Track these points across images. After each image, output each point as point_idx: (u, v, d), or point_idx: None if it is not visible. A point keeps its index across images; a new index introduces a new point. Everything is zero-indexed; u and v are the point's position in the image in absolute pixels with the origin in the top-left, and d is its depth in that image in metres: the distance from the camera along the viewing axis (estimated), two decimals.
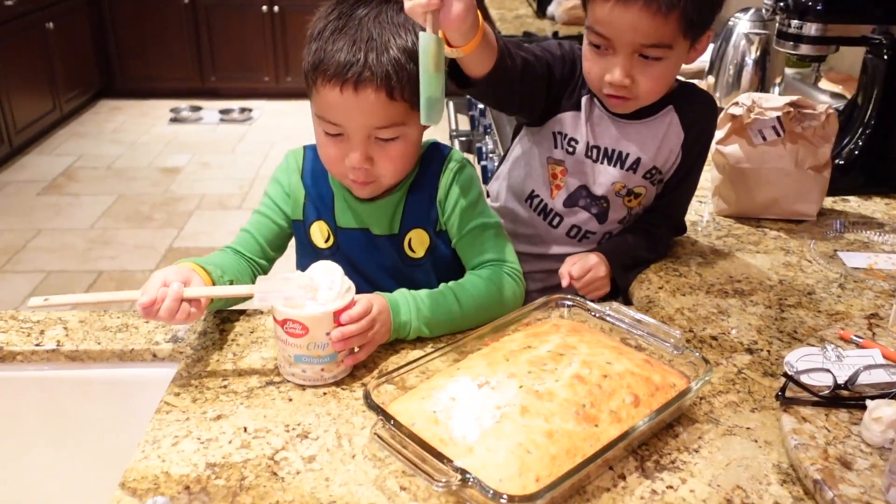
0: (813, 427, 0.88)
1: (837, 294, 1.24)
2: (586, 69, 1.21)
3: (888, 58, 1.56)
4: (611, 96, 1.20)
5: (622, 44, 1.14)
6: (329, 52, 1.03)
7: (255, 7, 5.67)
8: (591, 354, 0.94)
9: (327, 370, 1.00)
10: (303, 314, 0.96)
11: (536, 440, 0.81)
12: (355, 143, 1.07)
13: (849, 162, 1.61)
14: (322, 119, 1.08)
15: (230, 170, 4.66)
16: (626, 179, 1.28)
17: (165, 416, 0.94)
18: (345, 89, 1.03)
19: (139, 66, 5.88)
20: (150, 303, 0.97)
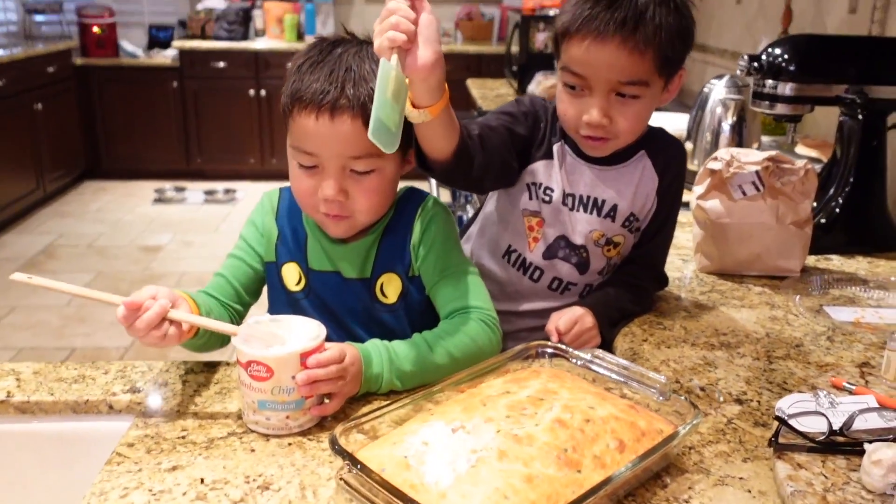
0: (809, 474, 0.83)
1: (826, 346, 1.20)
2: (562, 111, 1.20)
3: (863, 117, 1.57)
4: (588, 138, 1.19)
5: (599, 82, 1.13)
6: (306, 82, 1.03)
7: (243, 91, 5.77)
8: (572, 399, 0.89)
9: (293, 418, 0.94)
10: (268, 355, 0.91)
11: (515, 485, 0.75)
12: (330, 173, 1.05)
13: (830, 221, 1.60)
14: (297, 150, 1.06)
15: (213, 248, 4.63)
16: (604, 228, 1.26)
17: (116, 468, 0.87)
18: (321, 116, 1.01)
19: (126, 148, 5.92)
20: (134, 305, 0.92)
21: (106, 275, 4.23)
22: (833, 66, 1.55)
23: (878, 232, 1.62)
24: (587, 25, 1.10)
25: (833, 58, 1.57)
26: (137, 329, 0.92)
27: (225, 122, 5.85)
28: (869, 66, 1.55)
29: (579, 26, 1.11)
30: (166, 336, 0.94)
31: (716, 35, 2.89)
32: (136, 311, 0.92)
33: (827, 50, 1.60)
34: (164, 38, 6.02)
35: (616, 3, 1.09)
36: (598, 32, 1.10)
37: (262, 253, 1.17)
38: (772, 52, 1.56)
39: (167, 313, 0.94)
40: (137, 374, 1.08)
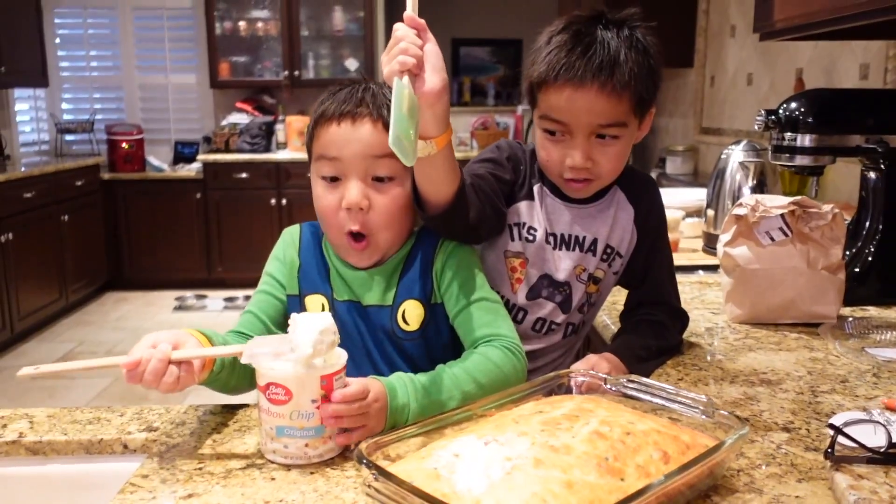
0: (872, 483, 0.77)
1: (873, 381, 1.14)
2: (544, 158, 1.21)
3: (885, 167, 1.57)
4: (571, 181, 1.19)
5: (580, 127, 1.14)
6: (326, 106, 1.09)
7: (265, 200, 5.89)
8: (610, 416, 0.84)
9: (311, 446, 0.89)
10: (287, 376, 0.88)
11: (554, 490, 0.70)
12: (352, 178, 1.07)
13: (864, 270, 1.56)
14: (320, 162, 1.09)
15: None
16: (585, 262, 1.25)
17: (129, 497, 0.83)
18: (342, 122, 1.07)
19: (148, 259, 6.00)
20: (133, 364, 0.89)
21: (123, 381, 4.18)
22: (850, 117, 1.56)
23: None
24: (565, 74, 1.12)
25: (850, 109, 1.58)
26: (148, 382, 0.90)
27: (246, 231, 5.94)
28: (887, 116, 1.55)
29: (557, 75, 1.13)
30: (179, 379, 0.91)
31: (729, 117, 2.94)
32: (137, 367, 0.90)
33: (843, 101, 1.61)
34: (189, 153, 6.22)
35: (590, 50, 1.12)
36: (576, 80, 1.11)
37: (286, 285, 1.16)
38: (788, 106, 1.57)
39: (169, 357, 0.91)
40: (154, 415, 1.04)
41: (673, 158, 3.15)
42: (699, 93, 3.20)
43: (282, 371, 0.88)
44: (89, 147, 6.11)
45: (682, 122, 3.49)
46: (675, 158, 3.13)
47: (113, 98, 6.33)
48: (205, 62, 6.12)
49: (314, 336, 0.87)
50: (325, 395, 0.89)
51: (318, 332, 0.88)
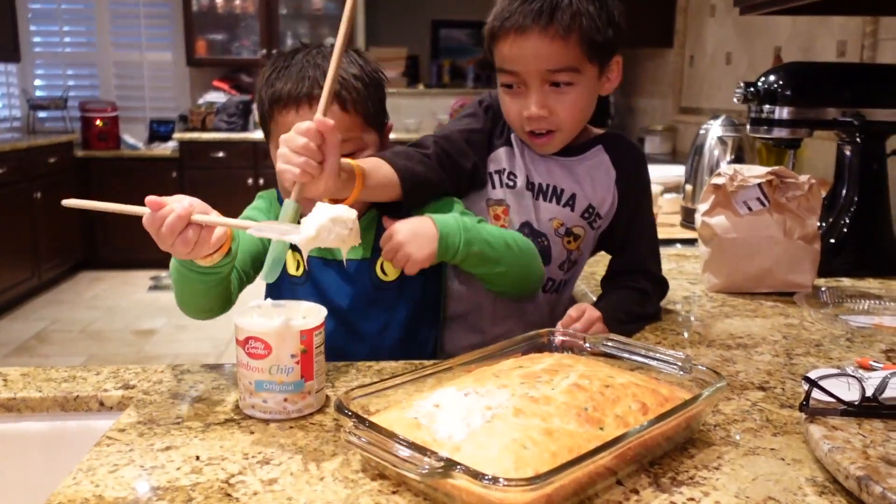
0: (846, 434, 0.78)
1: (847, 346, 1.16)
2: (505, 112, 1.22)
3: (861, 141, 1.58)
4: (533, 136, 1.20)
5: (530, 75, 1.15)
6: (279, 87, 1.09)
7: (241, 179, 5.84)
8: (589, 370, 0.85)
9: (291, 401, 0.88)
10: (266, 330, 0.87)
11: (534, 437, 0.70)
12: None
13: (839, 242, 1.58)
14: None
15: (207, 331, 4.55)
16: (564, 217, 1.25)
17: (105, 449, 0.82)
18: (300, 109, 1.07)
19: (123, 239, 5.91)
20: (159, 205, 0.88)
21: (98, 358, 4.14)
22: (828, 90, 1.57)
23: (885, 255, 1.60)
24: (509, 22, 1.14)
25: (827, 82, 1.59)
26: (163, 236, 0.87)
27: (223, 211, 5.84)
28: (863, 89, 1.57)
29: (502, 24, 1.15)
30: (195, 242, 0.88)
31: (708, 97, 2.96)
32: (161, 208, 0.88)
33: (821, 75, 1.63)
34: (164, 132, 6.14)
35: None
36: (518, 25, 1.13)
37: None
38: (766, 78, 1.58)
39: (191, 215, 0.88)
40: (131, 374, 1.03)
41: (651, 138, 3.17)
42: (678, 72, 3.22)
43: (261, 325, 0.88)
44: (62, 124, 6.01)
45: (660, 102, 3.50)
46: (654, 138, 3.15)
47: (86, 75, 6.23)
48: (181, 40, 6.04)
49: (323, 221, 0.85)
50: (305, 351, 0.89)
51: (328, 219, 0.85)
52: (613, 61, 1.21)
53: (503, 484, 0.62)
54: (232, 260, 0.99)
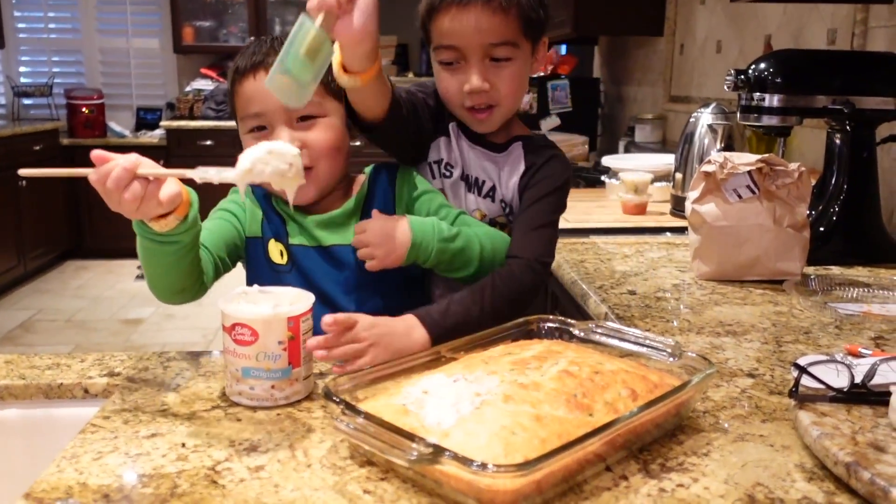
0: (835, 420, 0.78)
1: (835, 333, 1.16)
2: (444, 90, 1.20)
3: (851, 129, 1.58)
4: (473, 111, 1.19)
5: (472, 49, 1.14)
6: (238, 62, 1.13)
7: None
8: (579, 357, 0.84)
9: (278, 388, 0.88)
10: (253, 316, 0.86)
11: (523, 423, 0.70)
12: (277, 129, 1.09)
13: (828, 230, 1.58)
14: (244, 120, 1.11)
15: (195, 320, 4.53)
16: (486, 208, 1.25)
17: (89, 436, 0.81)
18: (257, 73, 1.09)
19: (109, 227, 5.85)
20: (105, 158, 0.86)
21: (84, 348, 4.11)
22: (818, 78, 1.57)
23: (875, 243, 1.60)
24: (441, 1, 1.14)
25: (818, 70, 1.59)
26: (110, 192, 0.85)
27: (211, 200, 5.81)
28: (853, 77, 1.56)
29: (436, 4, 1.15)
30: (145, 197, 0.86)
31: (698, 85, 2.96)
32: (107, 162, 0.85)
33: (811, 62, 1.62)
34: (151, 119, 6.10)
35: None
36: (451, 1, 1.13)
37: (245, 227, 1.17)
38: (757, 66, 1.58)
39: (137, 168, 0.85)
40: (116, 361, 1.02)
41: (642, 127, 3.16)
42: (668, 61, 3.21)
43: (248, 312, 0.87)
44: (48, 112, 5.96)
45: (650, 90, 3.50)
46: (644, 126, 3.15)
47: (72, 62, 6.17)
48: (168, 26, 5.99)
49: (259, 154, 0.85)
50: (293, 337, 0.88)
51: (265, 151, 0.85)
52: (541, 43, 1.22)
53: (492, 470, 0.62)
54: (191, 229, 0.96)
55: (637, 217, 2.12)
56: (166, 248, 0.97)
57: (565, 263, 1.58)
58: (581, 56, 4.62)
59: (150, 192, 0.86)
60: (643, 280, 1.46)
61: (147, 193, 0.86)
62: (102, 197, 0.87)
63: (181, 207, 0.93)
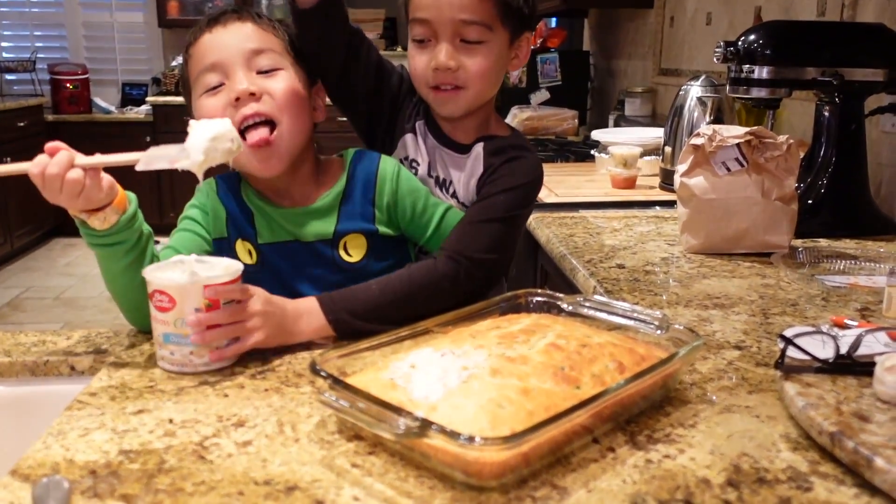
0: (820, 391, 0.78)
1: (822, 305, 1.17)
2: (413, 68, 1.16)
3: (840, 101, 1.58)
4: (439, 91, 1.14)
5: (443, 24, 1.10)
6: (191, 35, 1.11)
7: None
8: (566, 330, 0.84)
9: (197, 354, 0.89)
10: (170, 284, 0.87)
11: (510, 396, 0.70)
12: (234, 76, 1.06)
13: (816, 202, 1.59)
14: (199, 78, 1.08)
15: None
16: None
17: (76, 413, 0.80)
18: (213, 29, 1.08)
19: None
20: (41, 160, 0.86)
21: (73, 325, 4.10)
22: (807, 49, 1.56)
23: (862, 215, 1.61)
24: None
25: (807, 41, 1.58)
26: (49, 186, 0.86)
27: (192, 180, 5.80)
28: (842, 49, 1.56)
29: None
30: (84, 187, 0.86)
31: (688, 58, 2.94)
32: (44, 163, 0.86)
33: (801, 34, 1.61)
34: (137, 95, 6.03)
35: None
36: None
37: (211, 230, 1.13)
38: (746, 38, 1.57)
39: (73, 160, 0.86)
40: (103, 338, 1.02)
41: (631, 100, 3.15)
42: (658, 34, 3.19)
43: (167, 279, 0.88)
44: (31, 87, 5.88)
45: (640, 63, 3.48)
46: (634, 100, 3.13)
47: (55, 36, 6.08)
48: None
49: (205, 143, 0.86)
50: (211, 305, 0.88)
51: (208, 139, 0.87)
52: (524, 38, 1.18)
53: (479, 443, 0.62)
54: (132, 226, 0.95)
55: (626, 191, 2.12)
56: (114, 251, 0.95)
57: (554, 238, 1.58)
58: (571, 29, 4.59)
59: (91, 189, 0.88)
60: (632, 254, 1.46)
61: (88, 190, 0.87)
62: (40, 188, 0.87)
63: (118, 201, 0.92)
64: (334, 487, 0.66)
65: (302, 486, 0.66)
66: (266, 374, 0.90)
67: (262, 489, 0.66)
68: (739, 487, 0.67)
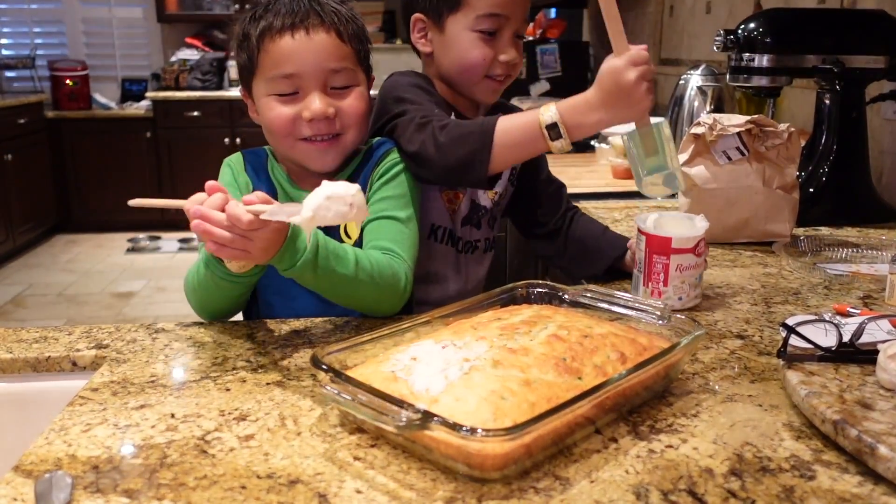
0: (823, 379, 0.78)
1: (824, 293, 1.16)
2: (477, 58, 1.19)
3: (841, 88, 1.57)
4: (494, 81, 1.22)
5: (518, 19, 1.19)
6: (271, 19, 1.05)
7: (218, 138, 5.75)
8: (568, 321, 0.84)
9: None
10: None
11: (512, 388, 0.70)
12: (313, 94, 1.06)
13: (817, 191, 1.58)
14: (273, 80, 1.06)
15: None
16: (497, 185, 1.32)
17: (78, 408, 0.80)
18: (296, 33, 1.04)
19: (98, 201, 5.83)
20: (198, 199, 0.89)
21: (76, 321, 4.11)
22: (808, 37, 1.55)
23: (864, 204, 1.60)
24: None
25: (807, 29, 1.57)
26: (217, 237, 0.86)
27: (199, 171, 5.74)
28: (843, 36, 1.55)
29: None
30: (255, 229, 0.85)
31: (688, 48, 2.93)
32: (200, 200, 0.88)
33: (801, 21, 1.61)
34: (137, 91, 6.02)
35: None
36: None
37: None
38: (746, 26, 1.56)
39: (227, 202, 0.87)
40: (104, 333, 1.02)
41: None
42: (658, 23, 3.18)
43: None
44: (31, 84, 5.87)
45: None
46: None
47: (54, 32, 6.07)
48: None
49: (319, 200, 0.84)
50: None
51: (324, 197, 0.84)
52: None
53: (481, 434, 0.62)
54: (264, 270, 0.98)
55: (627, 181, 2.11)
56: (235, 286, 0.98)
57: None
58: (570, 20, 4.57)
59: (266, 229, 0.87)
60: None
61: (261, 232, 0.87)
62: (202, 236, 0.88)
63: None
64: (336, 480, 0.66)
65: (304, 479, 0.66)
66: (267, 367, 0.90)
67: (264, 483, 0.66)
68: (742, 476, 0.67)
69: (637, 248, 1.08)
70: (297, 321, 1.05)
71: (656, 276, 1.04)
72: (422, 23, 1.24)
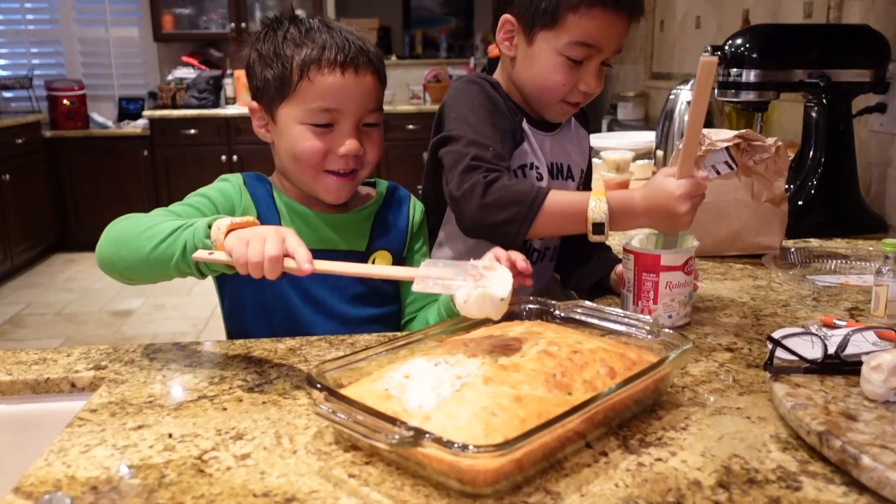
0: (808, 391, 0.80)
1: (813, 305, 1.18)
2: (557, 84, 1.18)
3: (828, 102, 1.60)
4: (569, 105, 1.22)
5: (609, 51, 1.18)
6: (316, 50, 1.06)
7: (215, 156, 5.77)
8: (559, 337, 0.86)
9: None
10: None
11: (503, 404, 0.71)
12: (347, 131, 1.09)
13: (806, 203, 1.60)
14: (313, 111, 1.08)
15: (185, 310, 4.54)
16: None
17: (77, 430, 0.82)
18: (346, 71, 1.06)
19: (96, 220, 5.81)
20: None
21: (74, 340, 4.11)
22: (794, 52, 1.58)
23: (852, 215, 1.62)
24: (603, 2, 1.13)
25: (793, 44, 1.60)
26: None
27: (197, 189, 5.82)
28: (829, 50, 1.57)
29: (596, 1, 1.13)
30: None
31: (678, 62, 2.96)
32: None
33: (787, 37, 1.63)
34: (134, 109, 6.04)
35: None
36: (614, 5, 1.14)
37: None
38: (733, 42, 1.59)
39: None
40: (102, 354, 1.03)
41: (624, 104, 3.17)
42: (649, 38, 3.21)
43: None
44: (28, 104, 5.89)
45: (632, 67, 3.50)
46: (626, 104, 3.15)
47: (51, 53, 6.10)
48: (147, 14, 5.93)
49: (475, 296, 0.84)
50: None
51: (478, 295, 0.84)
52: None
53: (472, 451, 0.63)
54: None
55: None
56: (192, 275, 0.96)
57: None
58: None
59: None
60: None
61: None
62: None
63: None
64: (332, 498, 0.67)
65: (300, 497, 0.68)
66: (263, 387, 0.91)
67: (260, 501, 0.67)
68: (730, 488, 0.68)
69: (625, 269, 1.09)
70: (292, 340, 1.07)
71: (646, 293, 1.06)
72: (511, 25, 1.20)
